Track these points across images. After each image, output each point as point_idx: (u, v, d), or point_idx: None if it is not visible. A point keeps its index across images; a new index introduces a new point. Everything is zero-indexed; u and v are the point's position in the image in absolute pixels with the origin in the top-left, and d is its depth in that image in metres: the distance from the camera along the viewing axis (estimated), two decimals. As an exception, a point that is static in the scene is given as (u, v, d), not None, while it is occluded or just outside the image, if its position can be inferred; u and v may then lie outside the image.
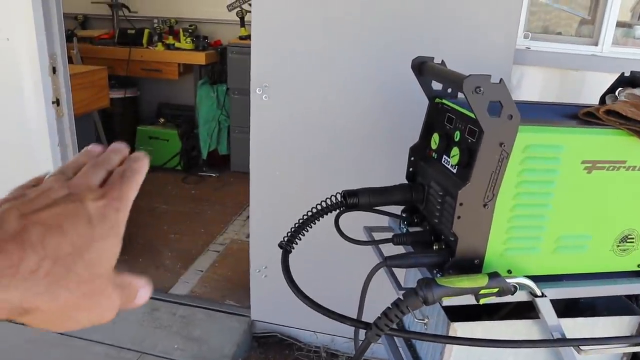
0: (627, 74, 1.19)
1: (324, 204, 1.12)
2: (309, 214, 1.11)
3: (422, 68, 1.08)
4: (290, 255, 1.09)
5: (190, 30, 4.20)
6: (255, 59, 1.78)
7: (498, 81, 0.84)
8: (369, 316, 0.99)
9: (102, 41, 4.31)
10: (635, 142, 0.94)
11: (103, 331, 2.32)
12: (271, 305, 2.35)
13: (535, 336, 1.06)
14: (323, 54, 1.74)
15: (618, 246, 1.03)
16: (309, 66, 1.76)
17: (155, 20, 4.39)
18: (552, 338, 0.99)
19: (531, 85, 1.68)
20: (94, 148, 0.47)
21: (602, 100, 1.18)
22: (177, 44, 4.12)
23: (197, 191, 4.09)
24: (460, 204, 0.91)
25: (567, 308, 1.17)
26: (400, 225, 1.21)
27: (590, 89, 1.69)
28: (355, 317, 0.99)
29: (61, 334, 2.27)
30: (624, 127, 0.93)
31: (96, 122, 3.43)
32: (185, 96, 4.57)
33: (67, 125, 2.24)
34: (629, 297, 1.15)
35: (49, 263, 0.35)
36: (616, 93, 1.16)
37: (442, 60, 1.09)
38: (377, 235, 1.22)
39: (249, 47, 3.84)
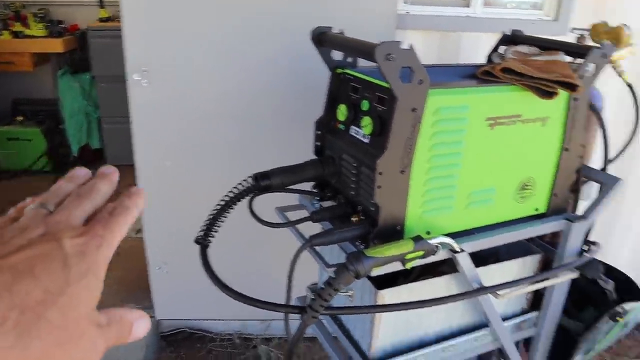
0: (496, 33, 1.26)
1: (235, 190, 1.06)
2: (222, 203, 1.05)
3: (322, 38, 1.05)
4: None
5: (40, 15, 3.77)
6: (129, 42, 1.63)
7: (408, 47, 0.83)
8: (280, 297, 0.97)
9: None
10: (529, 96, 1.00)
11: None
12: (175, 301, 2.25)
13: (455, 289, 1.11)
14: (207, 31, 1.64)
15: (519, 194, 1.11)
16: (193, 45, 1.65)
17: (-4, 6, 3.89)
18: (472, 289, 1.04)
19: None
20: (78, 172, 0.43)
21: (489, 59, 1.25)
22: (26, 31, 3.68)
23: (73, 191, 3.76)
24: (380, 173, 0.91)
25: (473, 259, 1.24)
26: (312, 201, 1.19)
27: (467, 49, 1.79)
28: (279, 302, 0.96)
29: None
30: (519, 83, 0.98)
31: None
32: (44, 89, 4.12)
33: None
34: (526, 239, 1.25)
35: (16, 313, 0.31)
36: (501, 51, 1.23)
37: (341, 30, 1.07)
38: (291, 215, 1.19)
39: (114, 30, 3.54)
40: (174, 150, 1.82)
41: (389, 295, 1.03)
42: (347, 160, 1.04)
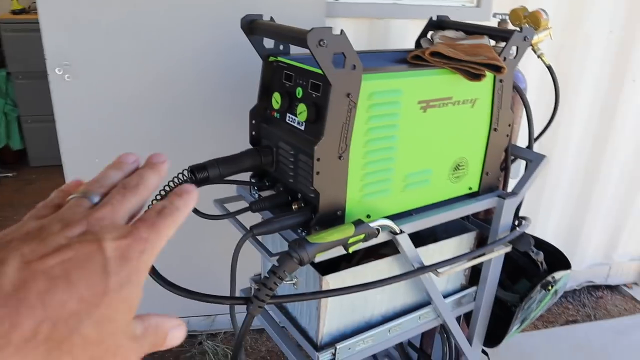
0: (422, 19, 1.28)
1: (171, 184, 1.03)
2: (158, 198, 1.01)
3: (253, 27, 1.03)
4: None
5: (-56, 9, 3.51)
6: (47, 34, 1.54)
7: (339, 33, 0.83)
8: (223, 291, 0.96)
9: None
10: (458, 79, 1.03)
11: None
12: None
13: (397, 270, 1.13)
14: (132, 20, 1.57)
15: (453, 174, 1.14)
16: (118, 36, 1.58)
17: None
18: (413, 269, 1.07)
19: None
20: (127, 158, 0.39)
21: (418, 43, 1.27)
22: None
23: (-6, 196, 3.54)
24: (318, 159, 0.91)
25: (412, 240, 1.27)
26: (251, 191, 1.18)
27: (395, 36, 1.82)
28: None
29: None
30: (447, 66, 1.01)
31: None
32: (-46, 89, 3.84)
33: None
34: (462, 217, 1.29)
35: (48, 326, 0.28)
36: (429, 36, 1.26)
37: (271, 17, 1.06)
38: (230, 207, 1.17)
39: (28, 23, 3.35)
40: (104, 146, 1.74)
41: (333, 281, 1.04)
42: (284, 148, 1.04)
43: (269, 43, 1.08)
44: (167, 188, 1.03)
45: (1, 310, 0.27)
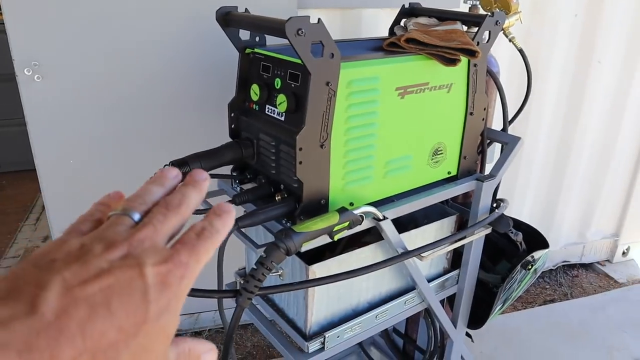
0: (394, 8, 1.29)
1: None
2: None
3: (228, 19, 1.03)
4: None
5: None
6: (14, 34, 1.50)
7: (316, 21, 0.84)
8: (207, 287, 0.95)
9: None
10: (434, 64, 1.04)
11: None
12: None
13: (382, 257, 1.14)
14: (102, 16, 1.54)
15: (432, 159, 1.16)
16: (87, 33, 1.55)
17: None
18: (397, 254, 1.08)
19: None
20: (169, 173, 0.38)
21: (392, 31, 1.28)
22: None
23: (-37, 205, 3.44)
24: (300, 149, 0.91)
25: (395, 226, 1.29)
26: (232, 185, 1.18)
27: (368, 25, 1.83)
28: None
29: None
30: (423, 52, 1.02)
31: None
32: None
33: None
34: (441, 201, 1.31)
35: (87, 358, 0.27)
36: (402, 24, 1.27)
37: (246, 9, 1.05)
38: (212, 202, 1.16)
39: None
40: (79, 146, 1.71)
41: (319, 270, 1.05)
42: (265, 139, 1.03)
43: (244, 35, 1.08)
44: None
45: (42, 341, 0.26)
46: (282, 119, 0.99)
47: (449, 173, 1.21)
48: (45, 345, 0.26)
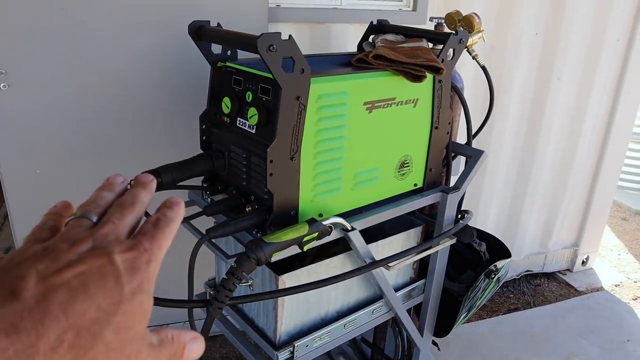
0: (362, 23, 1.33)
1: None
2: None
3: (201, 32, 1.04)
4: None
5: None
6: (-20, 43, 1.48)
7: (287, 38, 0.86)
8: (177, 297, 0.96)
9: None
10: (401, 80, 1.08)
11: None
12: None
13: (350, 267, 1.17)
14: (72, 25, 1.53)
15: (399, 172, 1.19)
16: (56, 41, 1.54)
17: None
18: (365, 264, 1.11)
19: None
20: (116, 179, 0.40)
21: (360, 47, 1.32)
22: None
23: None
24: (271, 161, 0.94)
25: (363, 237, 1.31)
26: (203, 196, 1.19)
27: (337, 40, 1.86)
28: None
29: None
30: (390, 68, 1.06)
31: None
32: None
33: None
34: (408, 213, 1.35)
35: (72, 334, 0.30)
36: (370, 40, 1.31)
37: (218, 23, 1.07)
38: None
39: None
40: (44, 156, 1.69)
41: (289, 279, 1.06)
42: (236, 151, 1.05)
43: (216, 48, 1.09)
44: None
45: (27, 322, 0.29)
46: (253, 131, 1.01)
47: (415, 185, 1.25)
48: (31, 325, 0.29)
